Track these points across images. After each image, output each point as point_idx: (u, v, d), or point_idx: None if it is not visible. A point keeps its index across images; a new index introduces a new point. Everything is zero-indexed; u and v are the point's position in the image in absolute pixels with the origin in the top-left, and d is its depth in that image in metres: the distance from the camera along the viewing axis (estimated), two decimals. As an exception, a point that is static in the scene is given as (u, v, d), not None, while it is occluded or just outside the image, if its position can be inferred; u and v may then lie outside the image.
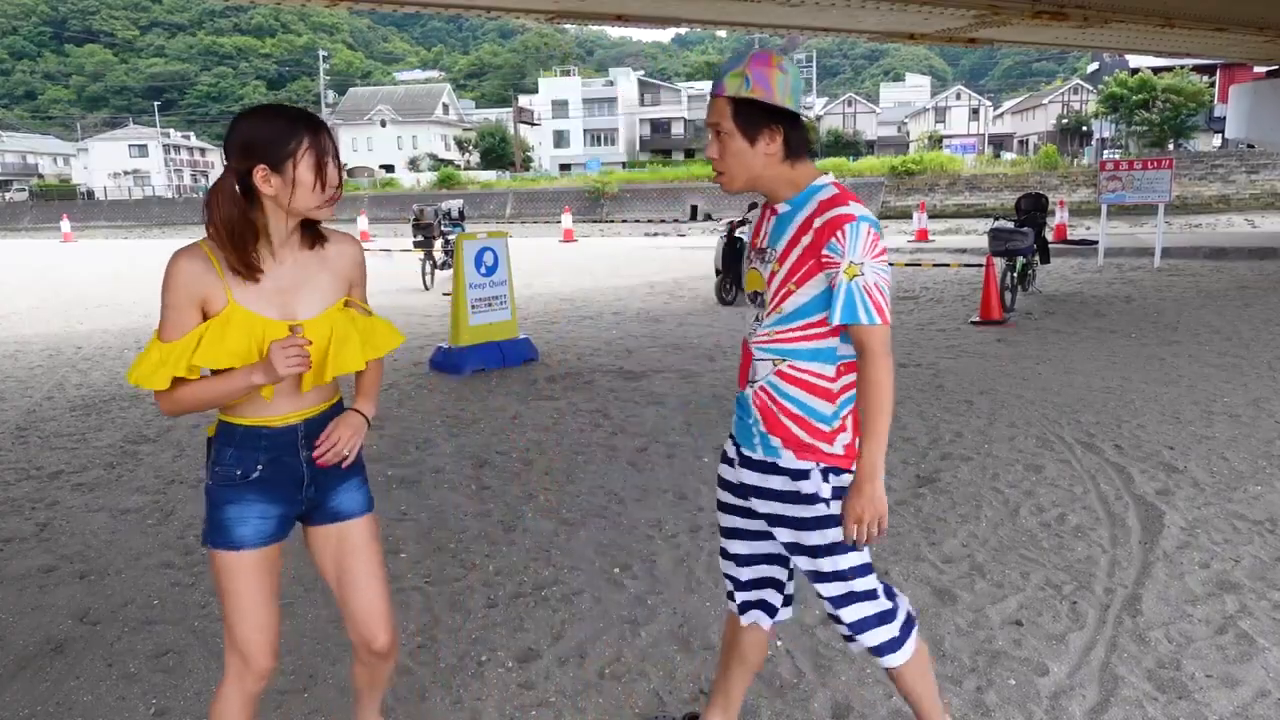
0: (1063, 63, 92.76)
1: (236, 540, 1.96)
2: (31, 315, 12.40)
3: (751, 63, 1.98)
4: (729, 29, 18.81)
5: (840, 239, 1.92)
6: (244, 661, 2.00)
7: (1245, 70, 26.03)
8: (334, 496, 2.07)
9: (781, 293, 2.03)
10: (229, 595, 1.99)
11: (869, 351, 1.95)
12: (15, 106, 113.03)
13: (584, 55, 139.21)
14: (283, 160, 1.83)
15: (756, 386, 2.10)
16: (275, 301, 1.90)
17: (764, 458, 2.10)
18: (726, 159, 2.03)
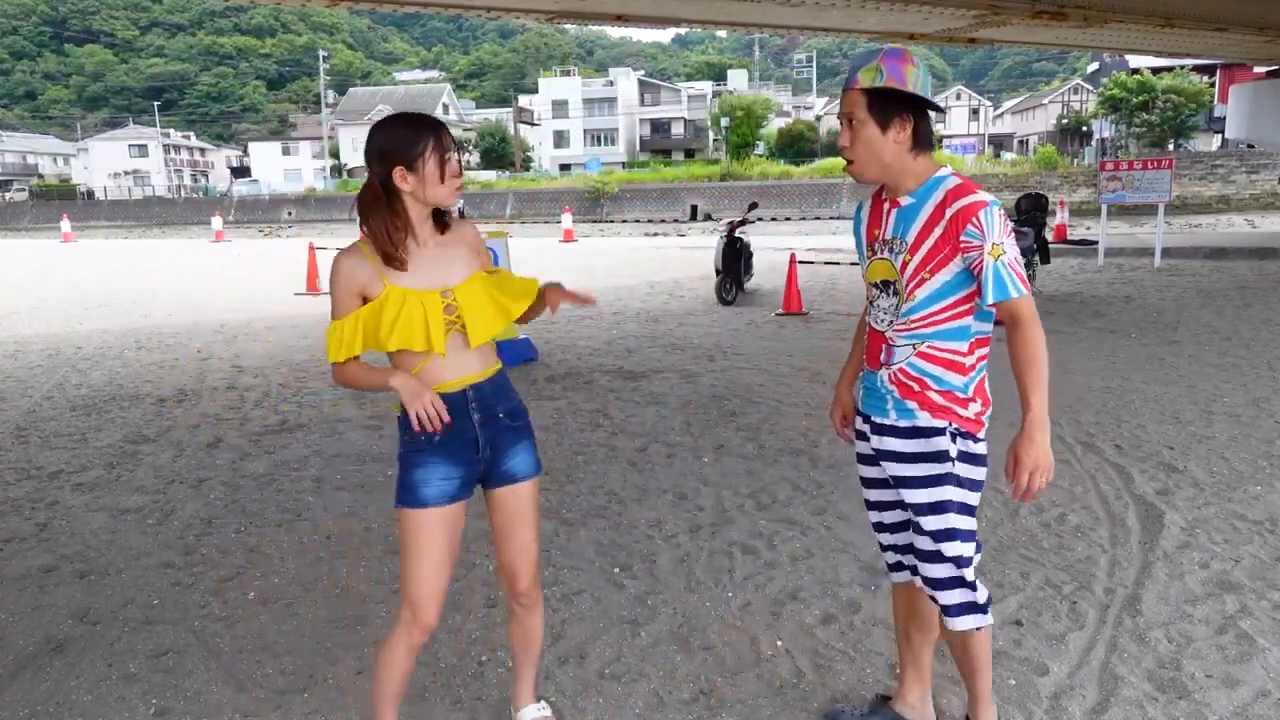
0: (1063, 63, 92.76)
1: (421, 499, 2.21)
2: (31, 315, 12.40)
3: (886, 57, 2.12)
4: (729, 29, 18.80)
5: (978, 224, 2.07)
6: (413, 614, 2.23)
7: (1245, 70, 26.02)
8: (508, 459, 2.32)
9: (916, 280, 2.16)
10: (410, 552, 2.22)
11: (1022, 319, 2.09)
12: (15, 106, 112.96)
13: (584, 55, 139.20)
14: (415, 159, 2.12)
15: (894, 369, 2.23)
16: (425, 277, 2.18)
17: (897, 421, 2.24)
18: (858, 148, 2.17)
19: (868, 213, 2.34)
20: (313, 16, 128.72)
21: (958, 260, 2.11)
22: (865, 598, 3.35)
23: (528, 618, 2.47)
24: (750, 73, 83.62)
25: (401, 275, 2.16)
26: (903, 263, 2.18)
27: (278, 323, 11.00)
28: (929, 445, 2.20)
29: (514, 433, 2.34)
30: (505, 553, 2.38)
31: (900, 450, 2.25)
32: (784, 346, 8.49)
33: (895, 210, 2.23)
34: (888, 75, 2.10)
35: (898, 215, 2.22)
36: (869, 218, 2.33)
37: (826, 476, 4.74)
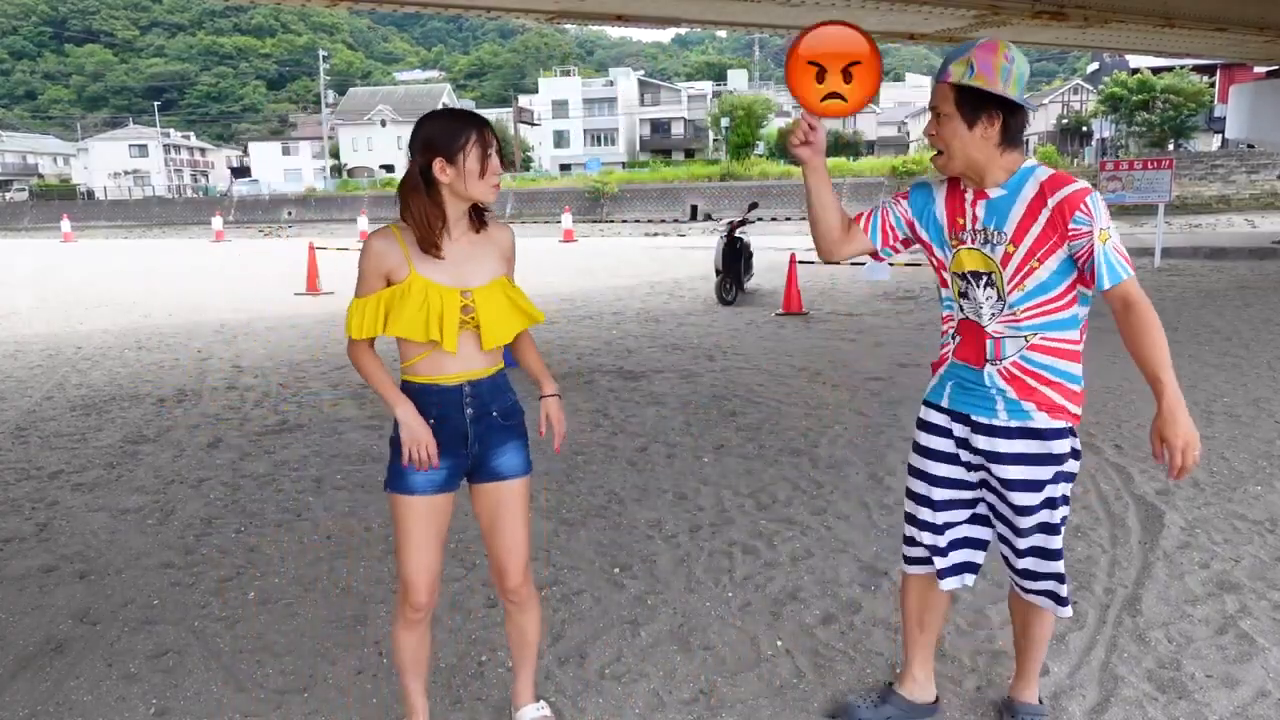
0: (1063, 63, 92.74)
1: (410, 485, 2.27)
2: (31, 315, 12.40)
3: (977, 51, 2.11)
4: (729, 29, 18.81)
5: (1086, 210, 2.08)
6: (405, 593, 2.34)
7: (1245, 70, 26.03)
8: (496, 455, 2.35)
9: (1025, 270, 2.16)
10: (400, 535, 2.32)
11: (1135, 300, 2.11)
12: (15, 106, 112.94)
13: (584, 55, 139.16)
14: (455, 153, 2.16)
15: (1005, 363, 2.23)
16: (451, 273, 2.22)
17: (1010, 423, 2.24)
18: (947, 139, 2.17)
19: (943, 201, 2.31)
20: (313, 16, 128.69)
21: (1064, 249, 2.12)
22: (865, 598, 3.35)
23: (520, 615, 2.49)
24: (750, 73, 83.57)
25: (428, 266, 2.20)
26: (1004, 254, 2.17)
27: (278, 323, 11.00)
28: (1047, 448, 2.23)
29: (506, 431, 2.37)
30: (494, 550, 2.42)
31: (1015, 452, 2.25)
32: (784, 346, 8.49)
33: (983, 201, 2.21)
34: (978, 70, 2.09)
35: (988, 206, 2.20)
36: (947, 206, 2.29)
37: (826, 476, 4.74)
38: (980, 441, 2.29)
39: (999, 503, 2.34)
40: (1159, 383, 2.09)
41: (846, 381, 6.93)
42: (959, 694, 2.72)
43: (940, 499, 2.41)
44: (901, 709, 2.57)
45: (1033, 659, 2.51)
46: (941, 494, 2.41)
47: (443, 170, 2.17)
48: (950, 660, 2.91)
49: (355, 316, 2.23)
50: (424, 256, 2.20)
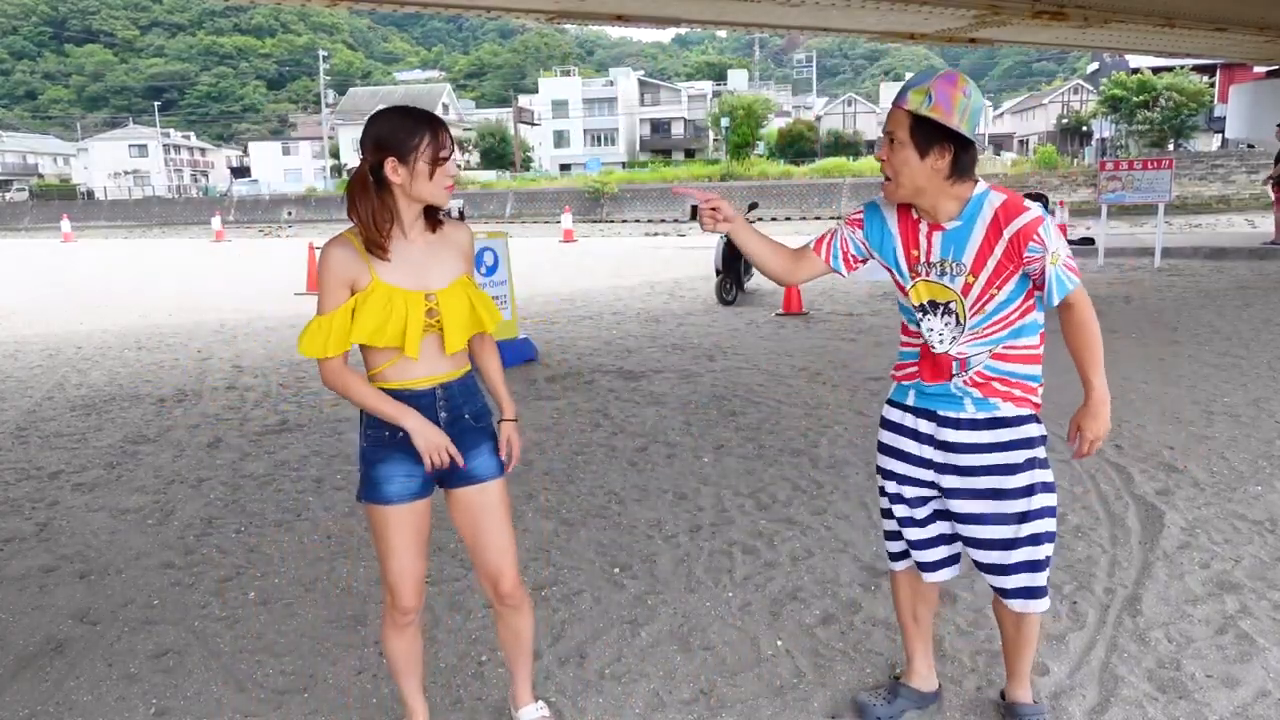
0: (1063, 63, 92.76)
1: (384, 496, 2.24)
2: (31, 315, 12.40)
3: (938, 82, 2.13)
4: (729, 29, 18.80)
5: (1039, 240, 2.14)
6: (391, 599, 2.32)
7: (1245, 70, 26.04)
8: (472, 459, 2.31)
9: (985, 298, 2.22)
10: (380, 543, 2.29)
11: (1076, 305, 2.22)
12: (15, 106, 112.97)
13: (584, 55, 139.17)
14: (408, 153, 2.10)
15: (970, 374, 2.29)
16: (411, 275, 2.17)
17: (978, 414, 2.30)
18: (896, 167, 2.19)
19: (897, 231, 2.32)
20: (313, 16, 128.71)
21: (1020, 274, 2.19)
22: (865, 598, 3.35)
23: (515, 618, 2.46)
24: (750, 73, 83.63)
25: (388, 270, 2.14)
26: (964, 285, 2.22)
27: (278, 323, 11.00)
28: (1017, 433, 2.29)
29: (478, 434, 2.33)
30: (483, 556, 2.38)
31: (983, 441, 2.29)
32: (784, 346, 8.49)
33: (938, 233, 2.24)
34: (935, 101, 2.11)
35: (944, 238, 2.23)
36: (902, 238, 2.31)
37: (826, 476, 4.74)
38: (947, 434, 2.33)
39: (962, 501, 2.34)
40: (1090, 383, 2.26)
41: (846, 381, 6.93)
42: (959, 694, 2.72)
43: (913, 496, 2.43)
44: (913, 700, 2.61)
45: (1024, 659, 2.51)
46: (914, 492, 2.43)
47: (394, 170, 2.10)
48: (950, 660, 2.91)
49: (317, 336, 2.14)
50: (386, 262, 2.15)
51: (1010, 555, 2.34)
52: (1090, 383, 2.26)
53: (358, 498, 2.29)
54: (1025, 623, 2.43)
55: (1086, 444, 2.28)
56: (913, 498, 2.44)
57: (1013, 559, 2.34)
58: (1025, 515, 2.31)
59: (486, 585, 2.43)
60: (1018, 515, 2.31)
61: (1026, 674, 2.54)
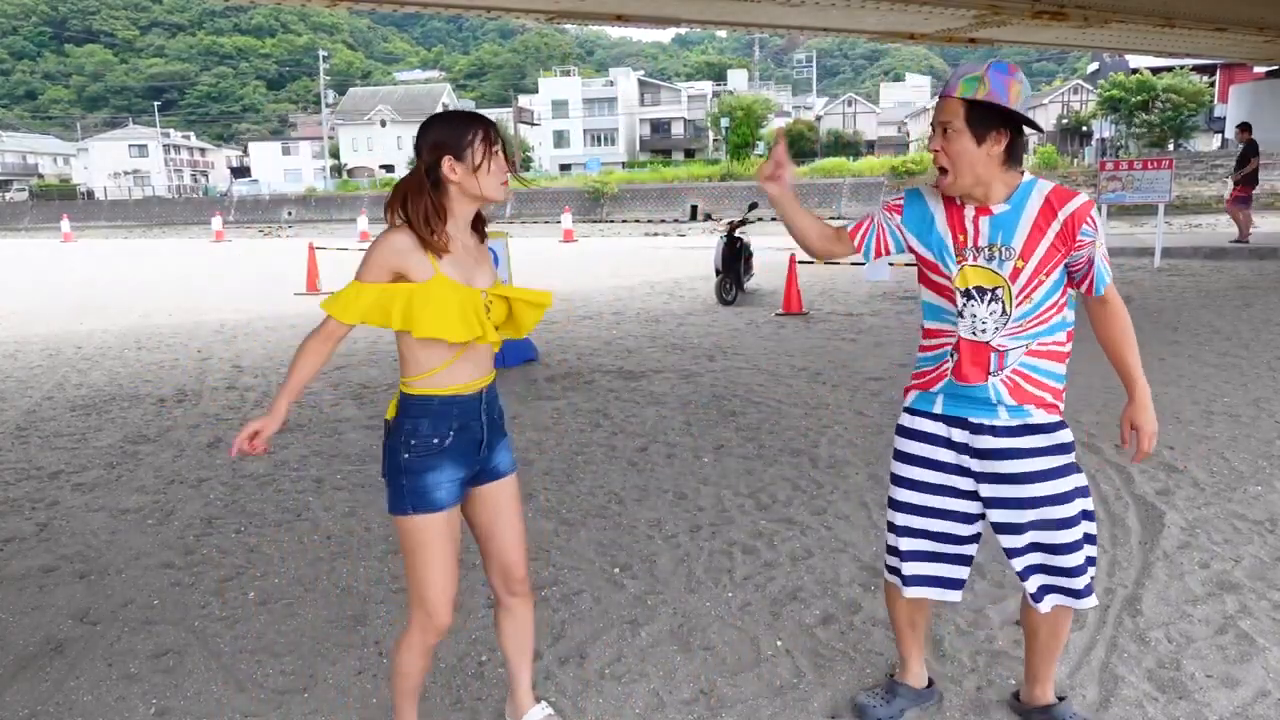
0: (1063, 63, 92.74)
1: (437, 503, 2.21)
2: (31, 315, 12.40)
3: (990, 69, 2.15)
4: (729, 29, 18.80)
5: (1092, 223, 2.18)
6: (429, 617, 2.26)
7: (1245, 70, 26.05)
8: (495, 456, 2.35)
9: (1033, 284, 2.21)
10: (423, 557, 2.23)
11: (1113, 301, 2.28)
12: (15, 106, 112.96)
13: (584, 55, 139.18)
14: (464, 149, 2.13)
15: (1007, 372, 2.27)
16: (466, 274, 2.19)
17: (1011, 421, 2.28)
18: (953, 158, 2.19)
19: (943, 218, 2.29)
20: (313, 16, 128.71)
21: (1062, 260, 2.21)
22: (865, 598, 3.35)
23: (523, 609, 2.45)
24: (750, 73, 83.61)
25: (450, 266, 2.16)
26: (1013, 269, 2.20)
27: (278, 323, 11.00)
28: (1051, 439, 2.30)
29: (501, 432, 2.38)
30: (499, 545, 2.38)
31: (1019, 447, 2.28)
32: (784, 346, 8.49)
33: (986, 218, 2.22)
34: (991, 88, 2.13)
35: (992, 223, 2.22)
36: (948, 224, 2.28)
37: (826, 476, 4.74)
38: (984, 442, 2.30)
39: (1006, 510, 2.31)
40: (1133, 377, 2.28)
41: (846, 381, 6.93)
42: (959, 694, 2.72)
43: (951, 509, 2.39)
44: (910, 699, 2.61)
45: (1053, 661, 2.50)
46: (952, 504, 2.39)
47: (452, 169, 2.14)
48: (950, 660, 2.91)
49: (348, 297, 2.14)
50: (446, 257, 2.16)
51: (1054, 559, 2.31)
52: (1134, 376, 2.28)
53: (400, 512, 2.21)
54: (1061, 625, 2.41)
55: (1146, 439, 2.29)
56: (951, 510, 2.39)
57: (1057, 563, 2.31)
58: (1067, 521, 2.29)
59: (497, 578, 2.42)
60: (1060, 521, 2.29)
61: (1053, 676, 2.53)
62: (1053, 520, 2.29)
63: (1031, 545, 2.33)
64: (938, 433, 2.36)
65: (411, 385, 2.22)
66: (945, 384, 2.33)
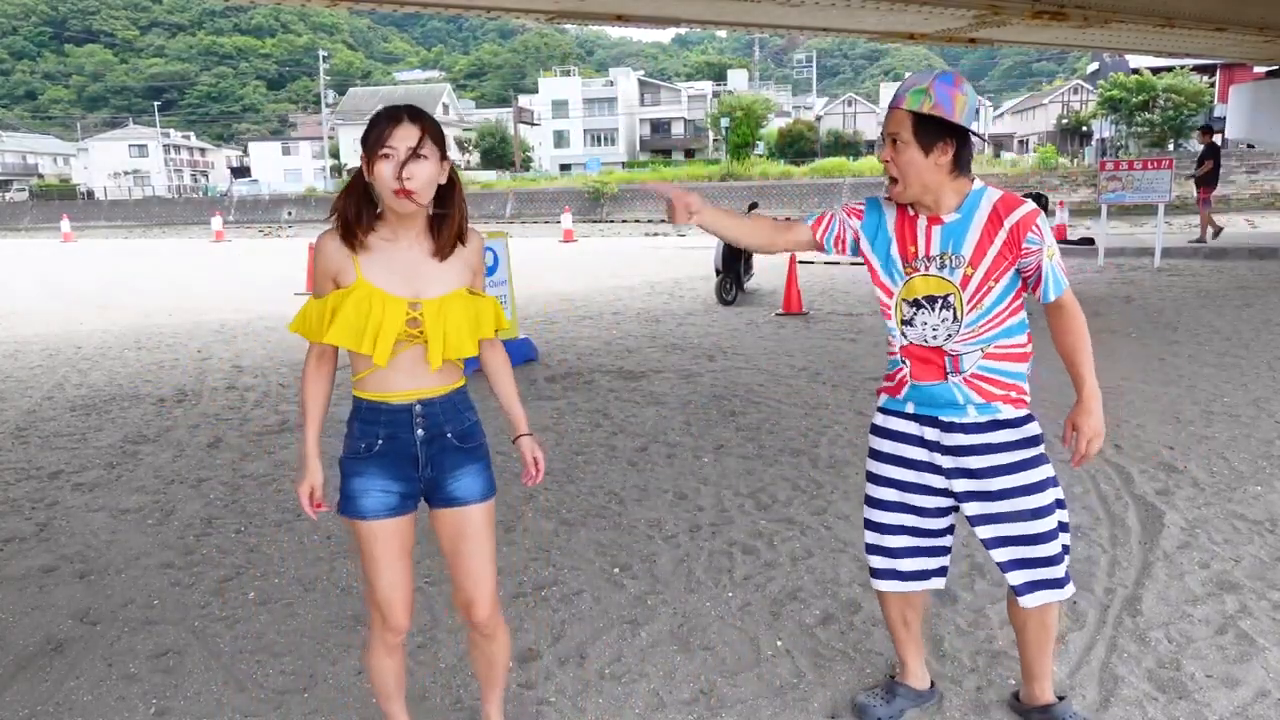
0: (1063, 63, 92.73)
1: (360, 510, 2.15)
2: (31, 315, 12.40)
3: (935, 82, 2.22)
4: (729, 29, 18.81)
5: (1037, 231, 2.24)
6: (382, 619, 2.20)
7: (1245, 70, 26.02)
8: (452, 480, 2.19)
9: (983, 290, 2.28)
10: (365, 561, 2.19)
11: (1068, 306, 2.30)
12: (15, 106, 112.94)
13: (584, 55, 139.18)
14: (369, 149, 2.00)
15: (965, 375, 2.33)
16: (402, 281, 2.07)
17: (980, 418, 2.34)
18: (901, 168, 2.25)
19: (893, 227, 2.36)
20: (313, 16, 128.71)
21: (1015, 267, 2.27)
22: (865, 598, 3.35)
23: (489, 646, 2.34)
24: (750, 73, 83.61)
25: (376, 271, 2.05)
26: (964, 277, 2.27)
27: (278, 323, 10.99)
28: (1020, 433, 2.35)
29: (462, 454, 2.20)
30: (457, 580, 2.26)
31: (990, 442, 2.34)
32: (784, 346, 8.49)
33: (937, 227, 2.30)
34: (936, 101, 2.19)
35: (943, 231, 2.29)
36: (897, 233, 2.35)
37: (826, 476, 4.74)
38: (954, 439, 2.36)
39: (978, 503, 2.37)
40: (1082, 380, 2.32)
41: (846, 381, 6.93)
42: (959, 694, 2.72)
43: (926, 505, 2.45)
44: (910, 699, 2.62)
45: (1047, 656, 2.52)
46: (926, 500, 2.44)
47: (367, 168, 2.02)
48: (950, 660, 2.91)
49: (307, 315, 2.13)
50: (375, 261, 2.05)
51: (1032, 550, 2.36)
52: (1083, 379, 2.31)
53: (337, 510, 2.20)
54: (1048, 616, 2.44)
55: (1084, 442, 2.31)
56: (925, 506, 2.45)
57: (1035, 554, 2.36)
58: (1040, 511, 2.35)
59: (459, 609, 2.30)
60: (1033, 511, 2.35)
61: (1049, 672, 2.53)
62: (1027, 511, 2.35)
63: (1008, 538, 2.38)
64: (909, 431, 2.43)
65: (353, 385, 2.20)
66: (909, 391, 2.41)
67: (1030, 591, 2.39)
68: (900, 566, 2.50)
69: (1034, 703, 2.55)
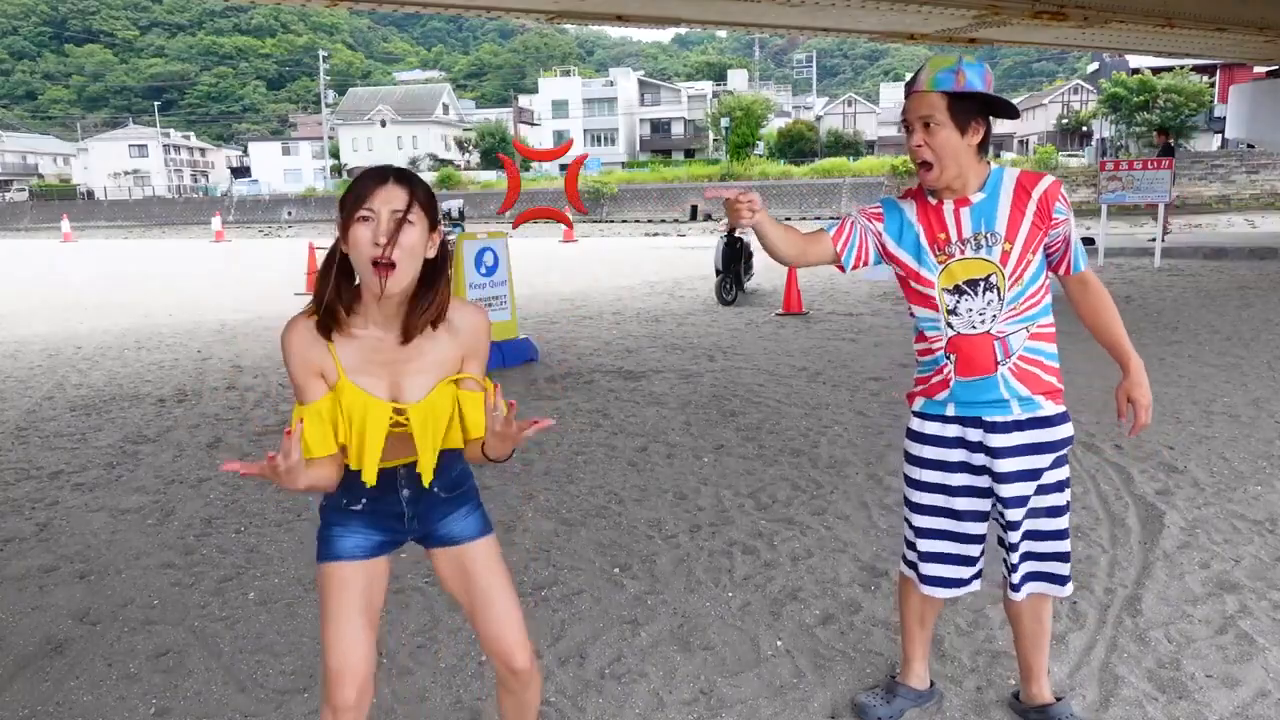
0: (1063, 63, 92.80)
1: (335, 551, 1.94)
2: (31, 315, 12.40)
3: (964, 63, 2.20)
4: (729, 29, 18.81)
5: (1064, 201, 2.25)
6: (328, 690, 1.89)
7: (1245, 70, 26.02)
8: (443, 527, 2.02)
9: (1023, 265, 2.25)
10: (326, 611, 1.92)
11: (1092, 281, 2.34)
12: (15, 106, 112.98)
13: (584, 55, 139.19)
14: (346, 210, 1.73)
15: (1013, 360, 2.29)
16: (384, 377, 1.81)
17: (1024, 415, 2.31)
18: (937, 150, 2.20)
19: (916, 219, 2.31)
20: (313, 16, 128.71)
21: (1042, 238, 2.26)
22: (865, 598, 3.35)
23: (524, 693, 2.07)
24: (750, 73, 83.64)
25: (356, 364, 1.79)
26: (1002, 253, 2.24)
27: (278, 323, 10.97)
28: (1056, 433, 2.34)
29: (449, 504, 2.01)
30: (485, 626, 2.01)
31: (1030, 443, 2.32)
32: (784, 346, 8.49)
33: (965, 209, 2.27)
34: (968, 79, 2.18)
35: (973, 212, 2.26)
36: (925, 226, 2.30)
37: (826, 476, 4.74)
38: (997, 440, 2.32)
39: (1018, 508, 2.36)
40: (1126, 352, 2.33)
41: (846, 381, 6.93)
42: (959, 694, 2.72)
43: (964, 509, 2.41)
44: (910, 699, 2.62)
45: (1044, 653, 2.53)
46: (964, 504, 2.41)
47: (343, 238, 1.73)
48: (950, 660, 2.91)
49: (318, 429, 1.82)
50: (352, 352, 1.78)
51: (1043, 546, 2.38)
52: (1126, 350, 2.33)
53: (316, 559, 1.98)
54: (1043, 612, 2.47)
55: (1143, 411, 2.32)
56: (969, 510, 2.41)
57: (1045, 549, 2.39)
58: (1056, 510, 2.37)
59: (495, 659, 2.03)
60: (1050, 509, 2.37)
61: (1046, 671, 2.55)
62: (1046, 508, 2.37)
63: (1026, 534, 2.39)
64: (950, 435, 2.37)
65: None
66: (954, 389, 2.33)
67: (1026, 584, 2.41)
68: (954, 573, 2.46)
69: (1032, 703, 2.55)
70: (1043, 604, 2.46)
